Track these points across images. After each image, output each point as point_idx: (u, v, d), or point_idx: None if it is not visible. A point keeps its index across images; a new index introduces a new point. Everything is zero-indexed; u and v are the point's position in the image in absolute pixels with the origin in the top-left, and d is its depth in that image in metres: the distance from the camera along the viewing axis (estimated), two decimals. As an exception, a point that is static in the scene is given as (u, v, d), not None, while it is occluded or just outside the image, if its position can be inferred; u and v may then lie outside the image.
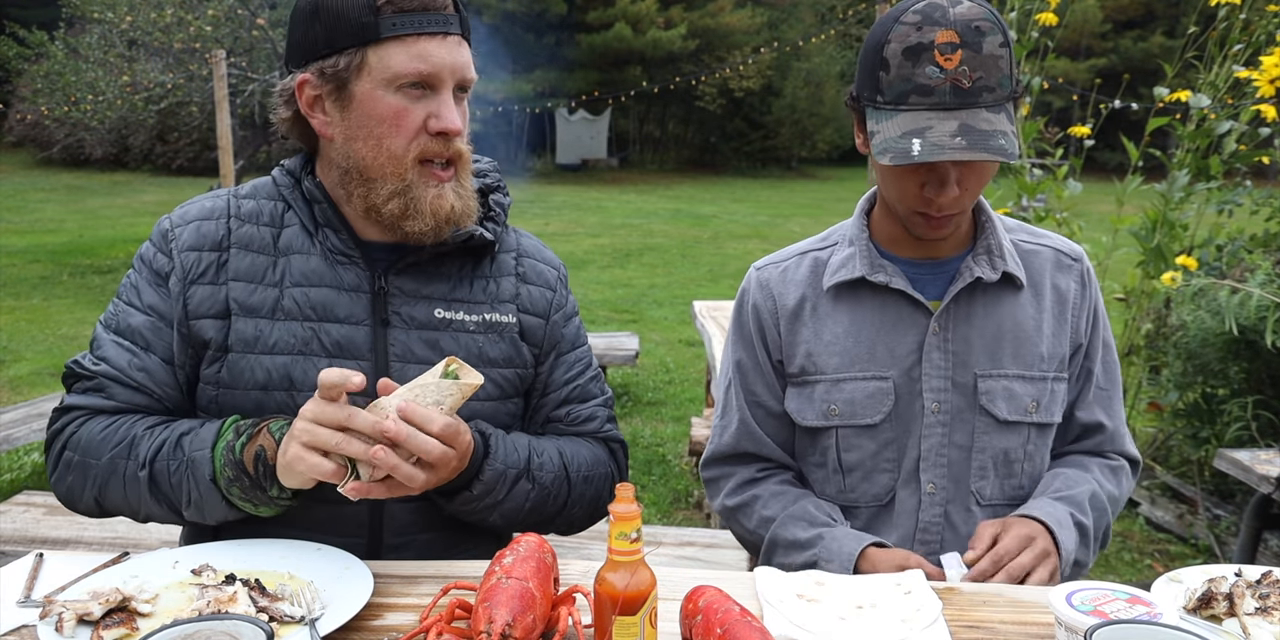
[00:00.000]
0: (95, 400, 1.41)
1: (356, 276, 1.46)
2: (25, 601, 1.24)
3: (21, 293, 9.33)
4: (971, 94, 1.36)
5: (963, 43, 1.35)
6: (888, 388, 1.57)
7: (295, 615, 1.15)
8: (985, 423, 1.56)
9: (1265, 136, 4.24)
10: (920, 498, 1.57)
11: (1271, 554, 3.41)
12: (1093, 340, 1.64)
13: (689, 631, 1.09)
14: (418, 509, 1.47)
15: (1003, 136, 1.36)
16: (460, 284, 1.51)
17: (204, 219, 1.47)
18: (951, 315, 1.56)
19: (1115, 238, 4.59)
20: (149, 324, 1.43)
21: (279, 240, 1.47)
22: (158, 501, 1.36)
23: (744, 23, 28.08)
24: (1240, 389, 3.93)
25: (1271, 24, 4.29)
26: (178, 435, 1.36)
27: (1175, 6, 26.59)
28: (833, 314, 1.61)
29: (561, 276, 1.65)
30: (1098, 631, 1.00)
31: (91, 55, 14.23)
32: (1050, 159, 4.69)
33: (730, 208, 19.39)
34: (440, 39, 1.36)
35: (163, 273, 1.44)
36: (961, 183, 1.43)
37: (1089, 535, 1.54)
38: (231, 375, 1.41)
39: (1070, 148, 4.86)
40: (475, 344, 1.49)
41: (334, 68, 1.36)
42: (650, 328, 8.57)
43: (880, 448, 1.58)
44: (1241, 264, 3.99)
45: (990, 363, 1.56)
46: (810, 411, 1.62)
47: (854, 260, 1.60)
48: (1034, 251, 1.63)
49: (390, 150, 1.38)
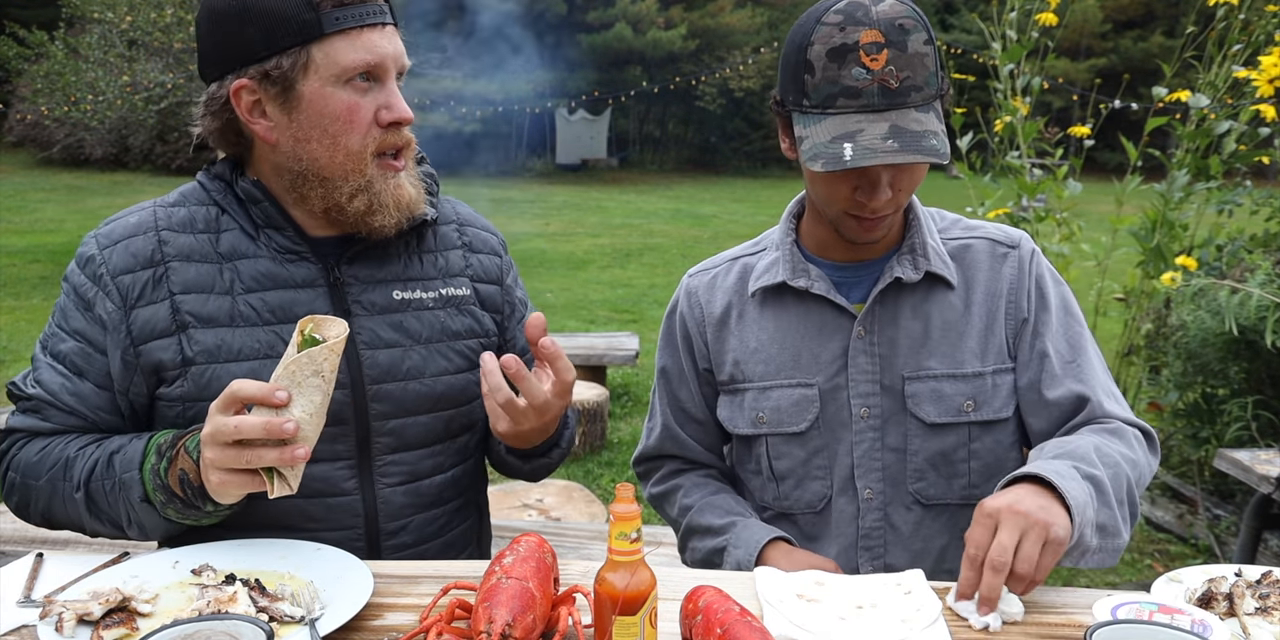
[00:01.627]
0: (34, 422, 1.42)
1: (309, 271, 1.45)
2: (25, 601, 1.24)
3: (21, 293, 9.32)
4: (900, 94, 1.34)
5: (888, 42, 1.32)
6: (812, 395, 1.55)
7: (295, 615, 1.15)
8: (915, 425, 1.53)
9: (1265, 136, 4.23)
10: (859, 504, 1.55)
11: (1271, 554, 3.41)
12: (1040, 316, 1.54)
13: (689, 631, 1.09)
14: (408, 491, 1.50)
15: (934, 137, 1.34)
16: (410, 262, 1.52)
17: (131, 236, 1.42)
18: (876, 318, 1.54)
19: (1115, 238, 4.59)
20: (78, 350, 1.41)
21: (219, 245, 1.44)
22: (99, 520, 1.37)
23: (744, 23, 28.08)
24: (1240, 389, 3.93)
25: (1270, 24, 4.29)
26: (109, 454, 1.35)
27: (1175, 6, 26.59)
28: (758, 320, 1.60)
29: (501, 241, 1.69)
30: (1098, 631, 1.00)
31: (91, 55, 14.24)
32: (1050, 159, 4.69)
33: (730, 208, 19.39)
34: (380, 29, 1.37)
35: (87, 299, 1.41)
36: (894, 184, 1.41)
37: (1106, 491, 1.31)
38: (197, 387, 1.38)
39: (1070, 148, 4.86)
40: (437, 320, 1.51)
41: (277, 69, 1.33)
42: (650, 328, 8.56)
43: (810, 455, 1.57)
44: (1241, 264, 3.99)
45: (917, 364, 1.52)
46: (740, 419, 1.62)
47: (777, 266, 1.58)
48: (965, 246, 1.57)
49: (347, 147, 1.37)
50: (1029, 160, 4.61)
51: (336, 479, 1.44)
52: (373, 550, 1.48)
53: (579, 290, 10.16)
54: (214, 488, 1.22)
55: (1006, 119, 4.51)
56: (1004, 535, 1.17)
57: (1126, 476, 1.37)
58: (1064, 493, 1.22)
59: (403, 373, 1.47)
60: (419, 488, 1.51)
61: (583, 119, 27.55)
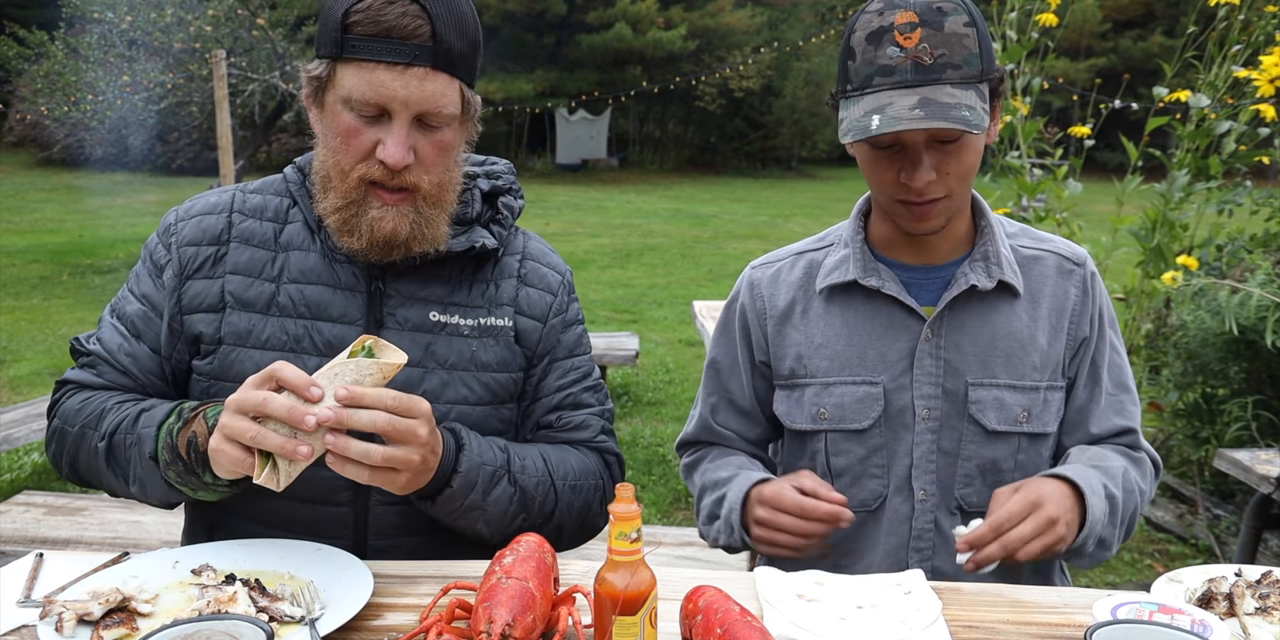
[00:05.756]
0: (86, 376, 1.47)
1: (353, 276, 1.45)
2: (25, 601, 1.24)
3: (21, 293, 9.32)
4: (934, 70, 1.35)
5: (922, 21, 1.35)
6: (877, 393, 1.55)
7: (295, 615, 1.15)
8: (973, 432, 1.54)
9: (1265, 136, 4.24)
10: (914, 505, 1.56)
11: (1271, 554, 3.41)
12: (1099, 342, 1.58)
13: (689, 631, 1.09)
14: (403, 512, 1.46)
15: (968, 109, 1.34)
16: (459, 288, 1.50)
17: (207, 213, 1.49)
18: (945, 323, 1.54)
19: (1115, 238, 4.59)
20: (141, 313, 1.47)
21: (280, 236, 1.47)
22: (114, 474, 1.38)
23: (744, 23, 28.09)
24: (1240, 389, 3.93)
25: (1271, 24, 4.29)
26: (139, 411, 1.37)
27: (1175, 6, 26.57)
28: (824, 316, 1.60)
29: (566, 282, 1.62)
30: (1098, 631, 1.00)
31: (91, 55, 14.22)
32: (1050, 159, 4.69)
33: (730, 208, 19.38)
34: (400, 69, 1.30)
35: (159, 265, 1.48)
36: (939, 166, 1.41)
37: (1118, 511, 1.45)
38: (222, 367, 1.42)
39: (1070, 148, 4.86)
40: (468, 348, 1.48)
41: (319, 71, 1.36)
42: (650, 328, 8.56)
43: (869, 453, 1.57)
44: (1241, 264, 3.99)
45: (982, 372, 1.53)
46: (800, 415, 1.61)
47: (848, 263, 1.58)
48: (1035, 257, 1.58)
49: (339, 165, 1.37)
50: (1029, 160, 4.61)
51: (332, 488, 1.43)
52: None
53: (579, 290, 10.15)
54: (210, 452, 1.21)
55: (1006, 119, 4.52)
56: (1027, 527, 1.32)
57: (1135, 504, 1.50)
58: (1089, 508, 1.38)
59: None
60: (414, 510, 1.45)
61: (583, 119, 27.55)
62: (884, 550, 1.57)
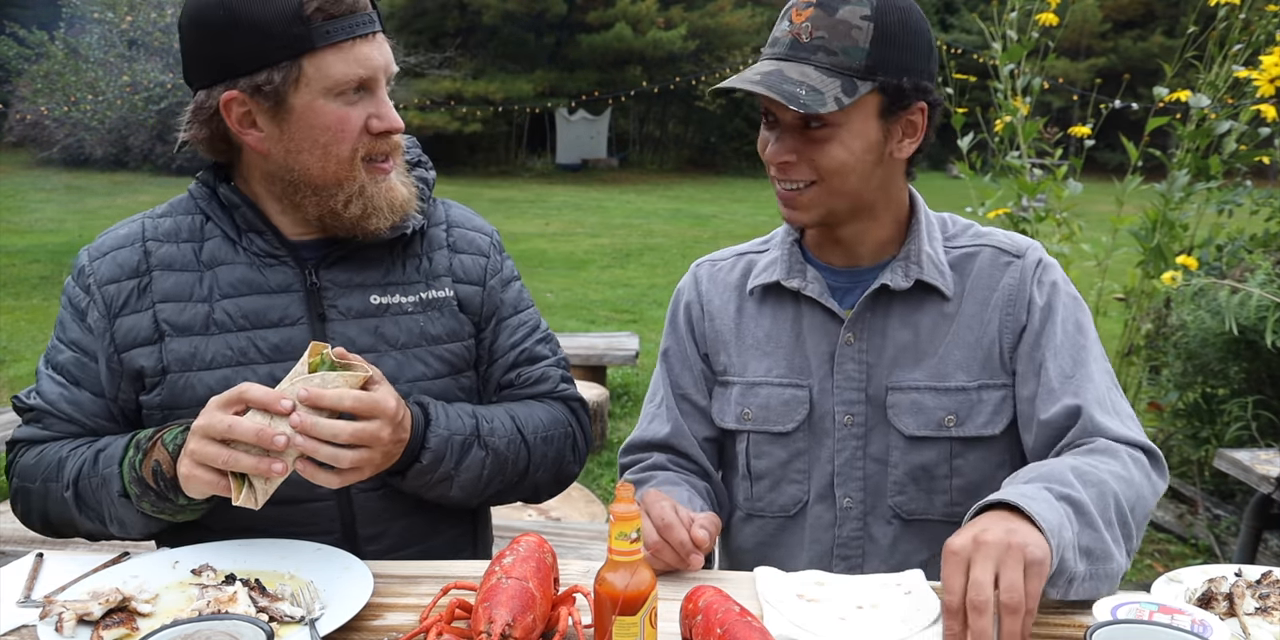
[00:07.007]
0: (34, 431, 1.46)
1: (286, 276, 1.45)
2: (25, 601, 1.24)
3: (21, 293, 9.32)
4: (804, 49, 1.36)
5: (819, 3, 1.36)
6: (803, 396, 1.54)
7: (295, 615, 1.15)
8: (895, 437, 1.50)
9: (1265, 136, 4.23)
10: (836, 513, 1.53)
11: (1271, 554, 3.40)
12: (1044, 328, 1.46)
13: (689, 631, 1.09)
14: (385, 496, 1.48)
15: (810, 91, 1.33)
16: (393, 267, 1.51)
17: (119, 248, 1.47)
18: (865, 325, 1.51)
19: (1115, 238, 4.58)
20: (74, 360, 1.46)
21: (202, 254, 1.46)
22: (88, 518, 1.39)
23: (744, 23, 28.05)
24: (1240, 389, 3.93)
25: (1271, 24, 4.28)
26: (95, 453, 1.37)
27: (1175, 6, 26.57)
28: (755, 318, 1.60)
29: (495, 242, 1.64)
30: (1098, 631, 1.00)
31: (91, 55, 14.24)
32: (1050, 159, 4.69)
33: (730, 208, 19.39)
34: (370, 39, 1.36)
35: (80, 309, 1.46)
36: (800, 150, 1.41)
37: (1087, 511, 1.20)
38: (173, 396, 1.41)
39: (1070, 148, 4.85)
40: (416, 324, 1.50)
41: (269, 83, 1.32)
42: (650, 328, 8.56)
43: (791, 457, 1.55)
44: (1241, 264, 3.99)
45: (900, 374, 1.49)
46: (727, 413, 1.60)
47: (775, 264, 1.58)
48: (970, 254, 1.52)
49: (338, 156, 1.37)
50: (1029, 160, 4.61)
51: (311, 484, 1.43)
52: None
53: (579, 290, 10.15)
54: (182, 478, 1.22)
55: (1006, 119, 4.51)
56: (978, 571, 1.06)
57: (1115, 495, 1.25)
58: (1032, 515, 1.12)
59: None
60: (395, 493, 1.48)
61: (583, 119, 27.54)
62: (808, 557, 1.55)
